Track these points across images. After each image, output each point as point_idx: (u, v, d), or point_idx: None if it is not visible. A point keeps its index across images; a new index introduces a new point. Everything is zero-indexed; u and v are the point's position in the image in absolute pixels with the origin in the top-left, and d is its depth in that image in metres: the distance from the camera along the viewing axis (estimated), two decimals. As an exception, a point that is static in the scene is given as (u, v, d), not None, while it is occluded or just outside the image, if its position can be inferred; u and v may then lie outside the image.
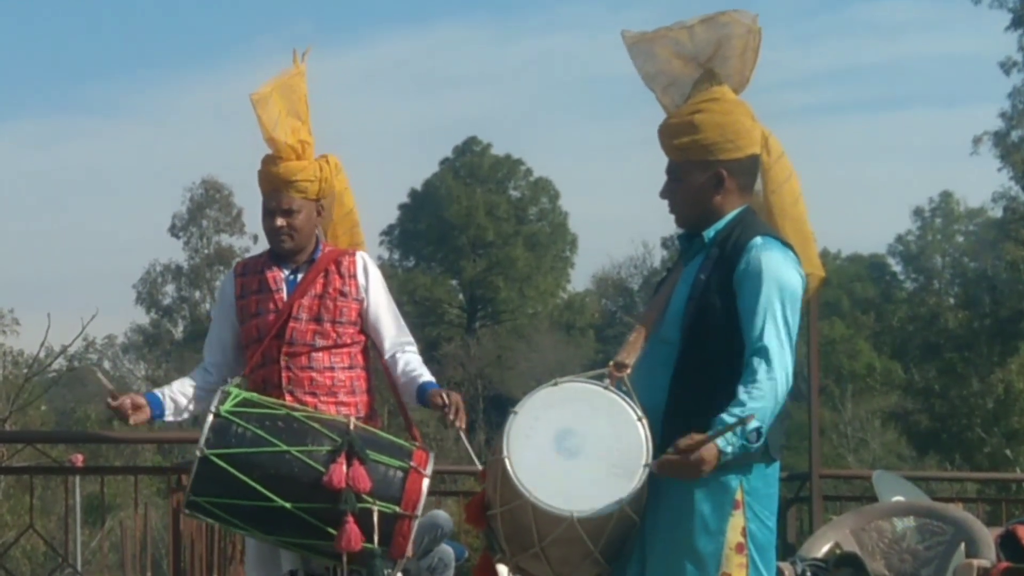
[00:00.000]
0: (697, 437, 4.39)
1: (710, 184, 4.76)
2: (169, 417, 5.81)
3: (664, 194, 4.86)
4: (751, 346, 4.55)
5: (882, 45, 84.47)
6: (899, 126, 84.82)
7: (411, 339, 5.95)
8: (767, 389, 4.47)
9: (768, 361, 4.50)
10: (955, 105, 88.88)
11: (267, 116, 5.76)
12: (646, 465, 4.53)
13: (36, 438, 12.59)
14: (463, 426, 5.64)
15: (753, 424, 4.40)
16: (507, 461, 4.56)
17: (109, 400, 5.70)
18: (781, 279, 4.61)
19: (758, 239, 4.66)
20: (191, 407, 5.83)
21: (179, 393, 5.82)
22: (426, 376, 5.82)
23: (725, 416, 4.41)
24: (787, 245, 4.72)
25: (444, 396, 5.63)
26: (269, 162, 5.83)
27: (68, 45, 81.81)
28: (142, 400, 5.74)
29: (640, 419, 4.58)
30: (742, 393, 4.45)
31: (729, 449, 4.40)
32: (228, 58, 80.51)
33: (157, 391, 5.82)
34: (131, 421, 5.72)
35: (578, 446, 4.58)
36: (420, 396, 5.77)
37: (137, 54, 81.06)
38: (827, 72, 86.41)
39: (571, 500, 4.51)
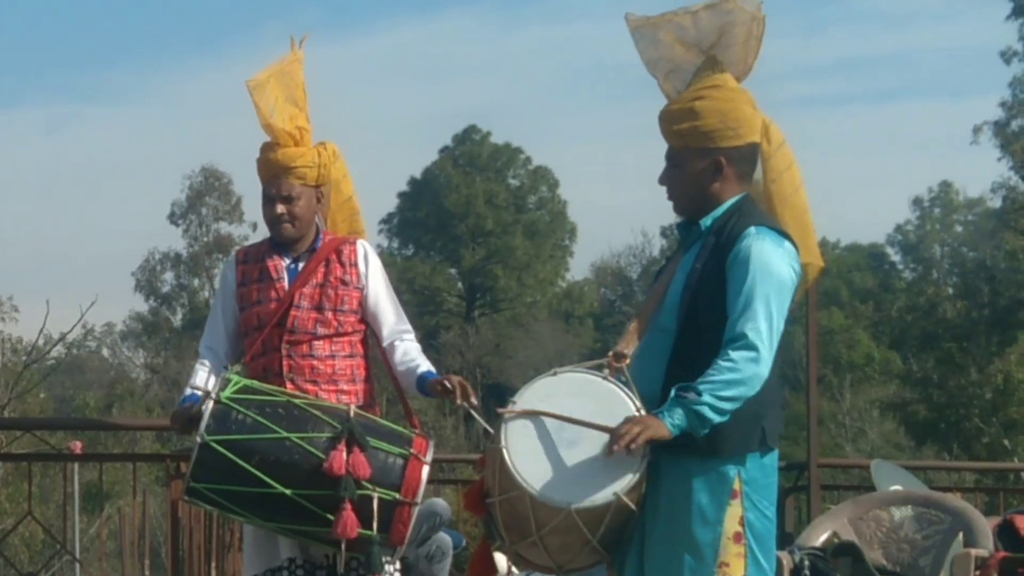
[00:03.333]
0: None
1: (709, 171, 4.75)
2: None
3: (663, 180, 4.85)
4: (728, 332, 4.54)
5: (888, 36, 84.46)
6: (901, 116, 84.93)
7: (409, 327, 5.95)
8: (723, 367, 4.47)
9: (739, 346, 4.49)
10: (957, 95, 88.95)
11: (264, 103, 5.76)
12: (644, 456, 4.53)
13: (35, 425, 12.60)
14: (475, 403, 5.61)
15: (689, 384, 4.42)
16: (505, 451, 4.57)
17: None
18: (768, 268, 4.60)
19: (752, 229, 4.65)
20: None
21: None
22: (425, 365, 5.81)
23: (672, 393, 4.46)
24: (783, 236, 4.71)
25: (445, 382, 5.63)
26: (267, 149, 5.83)
27: (73, 33, 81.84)
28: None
29: (639, 410, 4.58)
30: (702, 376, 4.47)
31: (670, 420, 4.43)
32: (234, 45, 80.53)
33: (195, 392, 5.65)
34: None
35: (576, 436, 4.57)
36: (420, 385, 5.76)
37: (141, 41, 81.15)
38: (832, 63, 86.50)
39: (568, 491, 4.51)
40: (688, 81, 4.87)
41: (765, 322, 4.53)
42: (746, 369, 4.49)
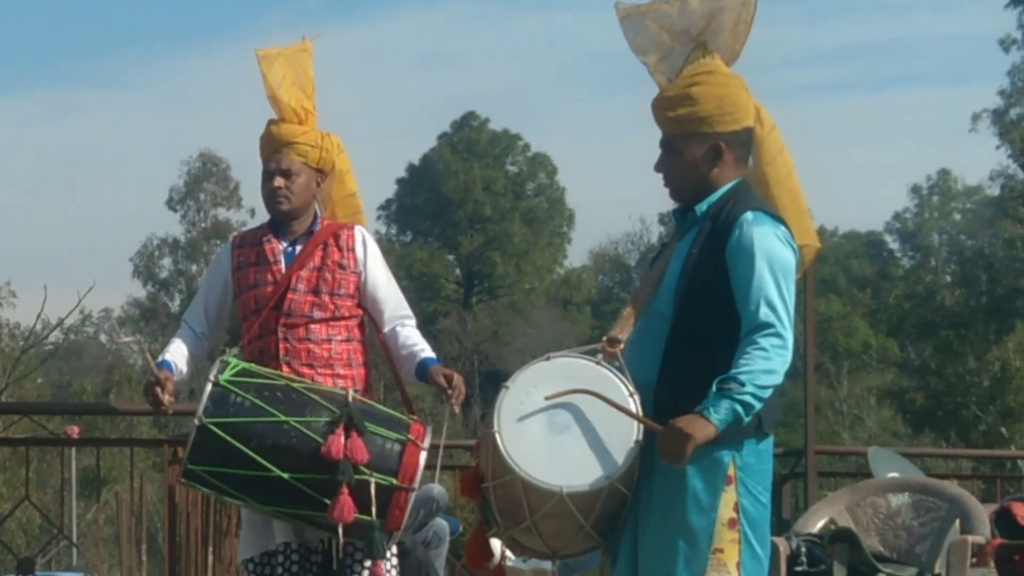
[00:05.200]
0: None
1: (708, 157, 4.74)
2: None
3: (659, 167, 4.84)
4: (748, 323, 4.54)
5: (887, 24, 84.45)
6: (900, 104, 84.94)
7: (410, 313, 5.94)
8: (756, 356, 4.46)
9: (767, 334, 4.49)
10: (956, 83, 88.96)
11: (272, 75, 5.78)
12: (637, 441, 4.53)
13: (32, 410, 12.62)
14: (458, 410, 5.64)
15: (728, 375, 4.40)
16: (498, 436, 4.56)
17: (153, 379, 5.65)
18: (772, 254, 4.59)
19: (749, 214, 4.64)
20: (185, 374, 5.81)
21: (180, 359, 5.79)
22: (427, 352, 5.81)
23: (712, 386, 4.43)
24: (779, 220, 4.70)
25: (447, 377, 5.63)
26: (271, 123, 5.85)
27: (71, 20, 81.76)
28: (169, 375, 5.70)
29: (632, 395, 4.58)
30: (736, 362, 4.46)
31: (717, 416, 4.41)
32: (234, 33, 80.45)
33: (168, 359, 5.75)
34: (166, 401, 5.66)
35: (569, 421, 4.57)
36: (420, 372, 5.76)
37: (141, 28, 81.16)
38: (832, 50, 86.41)
39: (561, 475, 4.51)
40: (678, 68, 4.85)
41: (783, 309, 4.54)
42: (778, 357, 4.49)
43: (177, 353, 5.79)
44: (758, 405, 4.47)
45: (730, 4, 4.83)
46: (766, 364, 4.47)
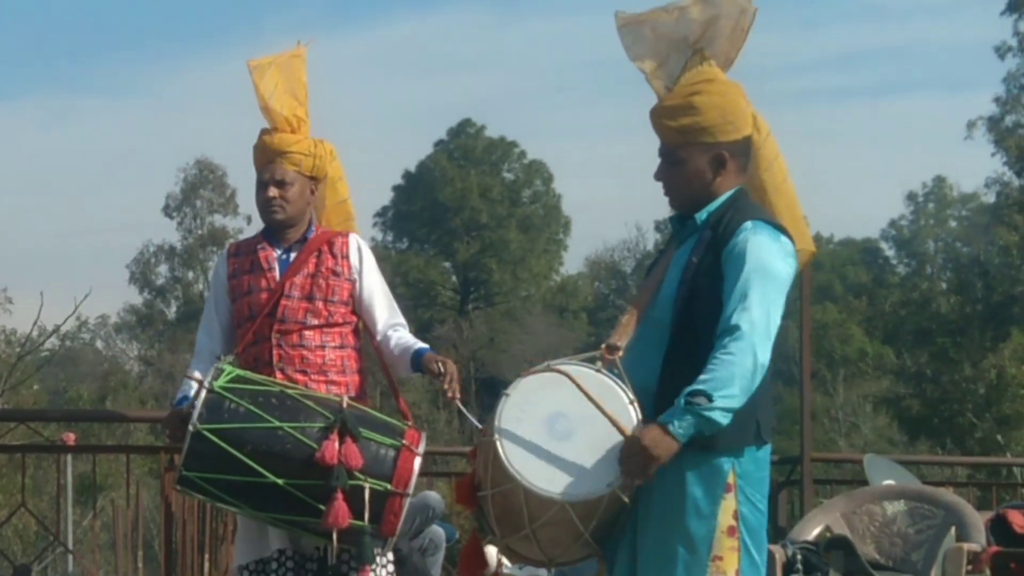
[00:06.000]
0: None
1: (712, 166, 4.73)
2: None
3: (659, 177, 4.82)
4: (721, 325, 4.52)
5: (883, 30, 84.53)
6: (895, 111, 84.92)
7: (403, 321, 5.95)
8: (723, 361, 4.42)
9: (735, 338, 4.45)
10: (951, 90, 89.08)
11: (264, 85, 5.79)
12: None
13: (28, 416, 12.56)
14: (457, 396, 5.63)
15: (696, 387, 4.37)
16: (498, 444, 4.55)
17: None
18: (764, 263, 4.58)
19: (749, 223, 4.64)
20: None
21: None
22: (420, 344, 5.81)
23: (680, 399, 4.41)
24: (780, 229, 4.70)
25: (440, 364, 5.63)
26: (264, 133, 5.86)
27: (68, 26, 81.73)
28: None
29: (632, 402, 4.57)
30: (702, 373, 4.44)
31: (680, 431, 4.39)
32: (231, 39, 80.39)
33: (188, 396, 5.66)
34: None
35: (569, 429, 4.57)
36: (415, 362, 5.75)
37: (138, 34, 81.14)
38: (828, 57, 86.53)
39: (562, 483, 4.51)
40: (675, 75, 4.84)
41: (760, 311, 4.50)
42: (745, 361, 4.44)
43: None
44: (724, 421, 4.43)
45: (728, 12, 4.83)
46: (732, 369, 4.42)
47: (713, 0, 4.83)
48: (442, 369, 5.62)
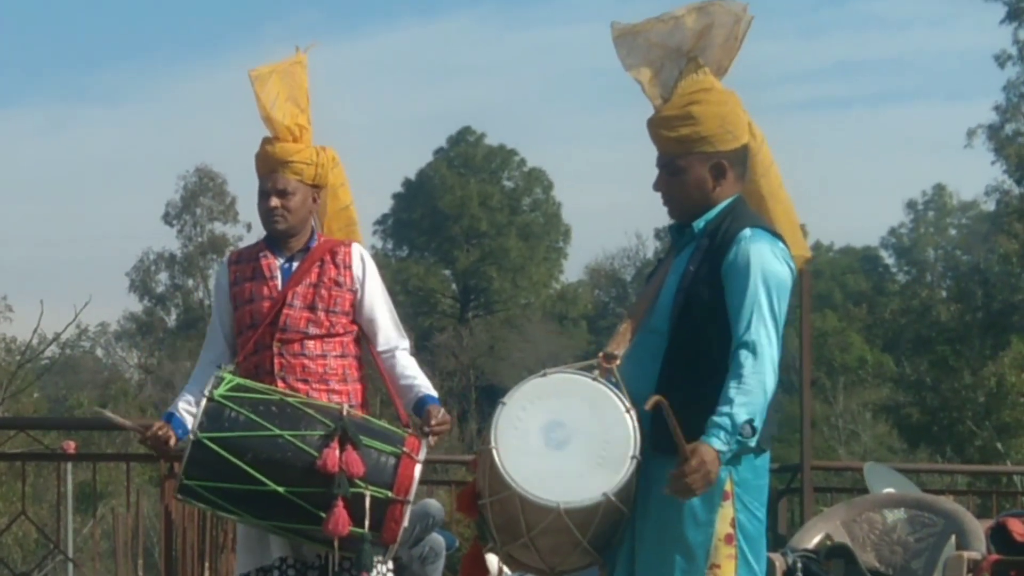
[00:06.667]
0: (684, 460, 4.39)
1: (712, 175, 4.75)
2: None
3: (658, 187, 4.83)
4: (738, 339, 4.53)
5: (883, 39, 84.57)
6: (895, 119, 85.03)
7: (406, 339, 5.92)
8: (755, 383, 4.46)
9: (755, 354, 4.48)
10: (951, 99, 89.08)
11: (265, 95, 5.77)
12: (634, 456, 4.53)
13: (28, 425, 12.57)
14: (431, 443, 5.62)
15: (743, 417, 4.40)
16: (495, 452, 4.56)
17: (138, 434, 5.75)
18: (768, 271, 4.60)
19: (747, 231, 4.65)
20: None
21: (190, 408, 5.74)
22: (425, 388, 5.79)
23: (715, 417, 4.42)
24: (776, 236, 4.71)
25: (439, 418, 5.62)
26: (266, 142, 5.84)
27: (69, 33, 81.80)
28: (166, 426, 5.73)
29: (628, 410, 4.58)
30: (731, 390, 4.44)
31: (725, 448, 4.41)
32: (231, 47, 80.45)
33: (174, 412, 5.77)
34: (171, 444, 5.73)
35: (566, 437, 4.58)
36: (419, 409, 5.73)
37: (138, 42, 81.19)
38: (830, 66, 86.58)
39: (558, 491, 4.51)
40: (670, 84, 4.85)
41: (773, 327, 4.55)
42: (768, 381, 4.48)
43: (181, 406, 5.78)
44: (753, 444, 4.49)
45: (722, 20, 4.83)
46: (764, 397, 4.46)
47: (707, 9, 4.83)
48: (433, 424, 5.60)
